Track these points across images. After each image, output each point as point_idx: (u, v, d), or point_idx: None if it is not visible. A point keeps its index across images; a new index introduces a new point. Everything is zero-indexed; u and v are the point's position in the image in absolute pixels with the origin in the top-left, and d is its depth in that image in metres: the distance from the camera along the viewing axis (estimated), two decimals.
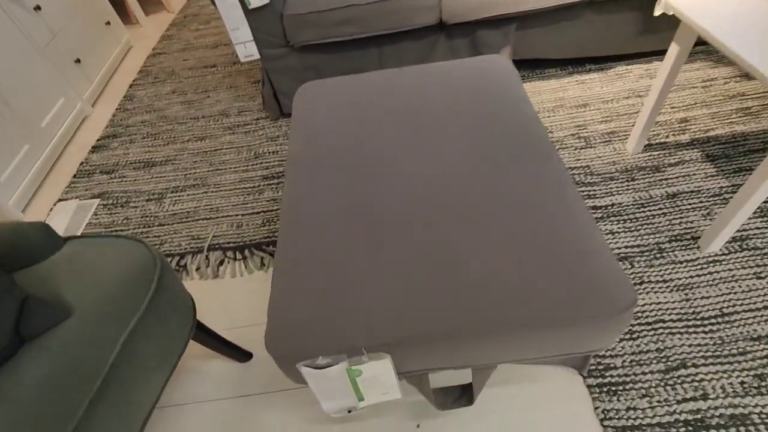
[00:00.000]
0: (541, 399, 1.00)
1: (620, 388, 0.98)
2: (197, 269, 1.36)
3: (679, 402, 0.95)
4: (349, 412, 0.79)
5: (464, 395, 0.87)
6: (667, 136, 1.49)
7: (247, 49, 1.58)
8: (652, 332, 1.05)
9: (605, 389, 0.98)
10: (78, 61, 2.02)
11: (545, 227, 0.76)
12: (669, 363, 1.00)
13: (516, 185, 0.83)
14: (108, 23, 2.29)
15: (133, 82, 2.20)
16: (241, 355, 1.13)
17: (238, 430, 1.03)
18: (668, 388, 0.97)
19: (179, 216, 1.52)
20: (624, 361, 1.02)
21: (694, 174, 1.36)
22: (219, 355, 1.14)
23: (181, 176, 1.66)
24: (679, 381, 0.98)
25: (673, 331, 1.05)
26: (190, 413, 1.06)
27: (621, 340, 1.05)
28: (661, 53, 1.80)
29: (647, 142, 1.47)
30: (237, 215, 1.49)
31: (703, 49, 1.79)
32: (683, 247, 1.20)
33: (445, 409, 0.86)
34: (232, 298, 1.28)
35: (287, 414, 1.04)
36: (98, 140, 1.89)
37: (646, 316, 1.08)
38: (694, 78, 1.68)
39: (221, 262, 1.37)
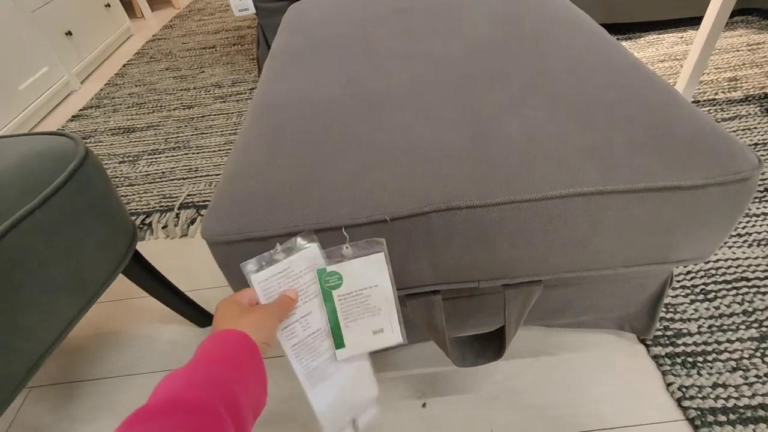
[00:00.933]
0: (588, 373, 0.74)
1: (700, 359, 0.72)
2: (164, 227, 1.15)
3: None
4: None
5: (490, 347, 0.62)
6: (716, 94, 1.29)
7: (242, 2, 1.45)
8: (734, 292, 0.80)
9: (679, 361, 0.72)
10: (69, 33, 1.92)
11: (615, 89, 0.55)
12: (763, 329, 0.75)
13: (563, 47, 0.63)
14: (108, 5, 2.22)
15: (127, 62, 2.10)
16: (201, 316, 0.89)
17: None
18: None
19: (153, 176, 1.33)
20: (701, 326, 0.76)
21: (755, 128, 1.15)
22: (174, 321, 0.91)
23: (162, 140, 1.49)
24: None
25: (762, 290, 0.80)
26: (136, 385, 0.81)
27: (693, 301, 0.80)
28: (695, 21, 1.64)
29: (692, 99, 1.27)
30: (217, 174, 1.29)
31: (742, 18, 1.63)
32: (757, 200, 0.97)
33: (466, 366, 0.61)
34: (198, 259, 1.05)
35: None
36: (80, 110, 1.75)
37: (723, 273, 0.83)
38: (738, 43, 1.50)
39: (193, 221, 1.15)
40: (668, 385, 0.70)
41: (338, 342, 0.47)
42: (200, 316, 0.89)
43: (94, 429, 0.76)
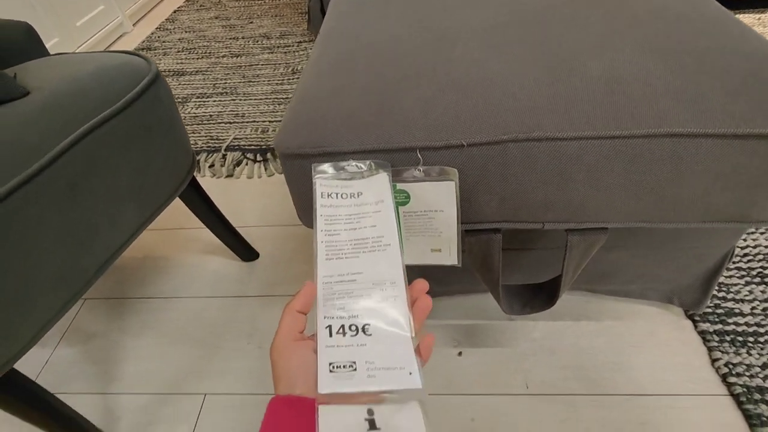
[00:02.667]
0: (629, 341, 0.73)
1: (750, 339, 0.70)
2: (210, 166, 1.17)
3: None
4: None
5: (538, 298, 0.62)
6: None
7: None
8: None
9: (728, 339, 0.70)
10: None
11: (707, 36, 0.52)
12: None
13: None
14: None
15: (177, 9, 2.11)
16: (247, 251, 0.92)
17: (227, 330, 0.80)
18: None
19: (201, 118, 1.35)
20: (754, 308, 0.74)
21: None
22: (219, 253, 0.93)
23: (210, 85, 1.50)
24: None
25: None
26: (179, 307, 0.85)
27: (748, 282, 0.77)
28: None
29: None
30: (264, 121, 1.30)
31: None
32: None
33: (513, 314, 0.61)
34: (244, 199, 1.07)
35: None
36: None
37: None
38: None
39: (238, 163, 1.17)
40: (714, 360, 0.69)
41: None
42: (245, 250, 0.92)
43: (141, 343, 0.80)
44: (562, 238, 0.52)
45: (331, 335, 0.33)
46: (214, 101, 1.42)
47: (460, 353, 0.74)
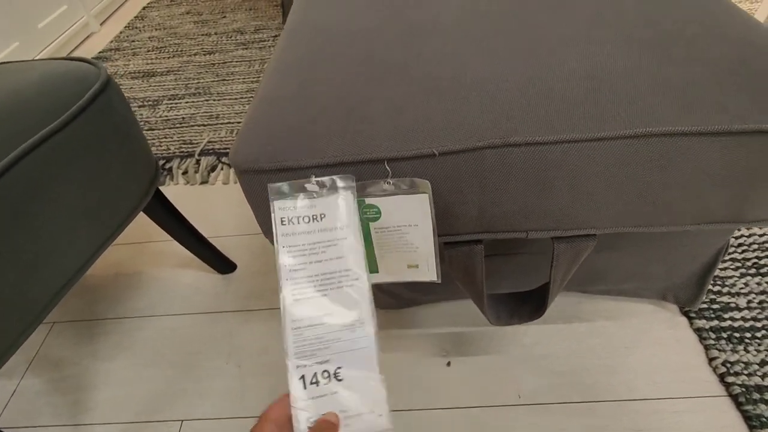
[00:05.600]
0: (624, 342, 0.70)
1: (747, 335, 0.68)
2: (184, 173, 1.12)
3: None
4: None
5: (526, 306, 0.58)
6: None
7: None
8: None
9: (725, 335, 0.68)
10: None
11: (696, 23, 0.48)
12: None
13: None
14: None
15: (147, 5, 2.02)
16: (222, 263, 0.87)
17: (204, 348, 0.76)
18: None
19: (173, 122, 1.29)
20: (750, 301, 0.71)
21: None
22: (193, 266, 0.89)
23: (182, 85, 1.44)
24: None
25: None
26: (153, 326, 0.81)
27: (744, 275, 0.75)
28: None
29: None
30: (239, 122, 1.25)
31: None
32: None
33: (500, 324, 0.58)
34: (220, 207, 1.03)
35: (269, 334, 0.77)
36: (99, 52, 1.70)
37: None
38: None
39: (213, 168, 1.12)
40: (711, 359, 0.66)
41: (372, 267, 0.44)
42: (220, 262, 0.87)
43: (114, 366, 0.76)
44: (549, 243, 0.49)
45: (305, 387, 0.34)
46: (187, 102, 1.36)
47: (448, 363, 0.71)
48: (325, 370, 0.34)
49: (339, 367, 0.35)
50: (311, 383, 0.34)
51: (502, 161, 0.40)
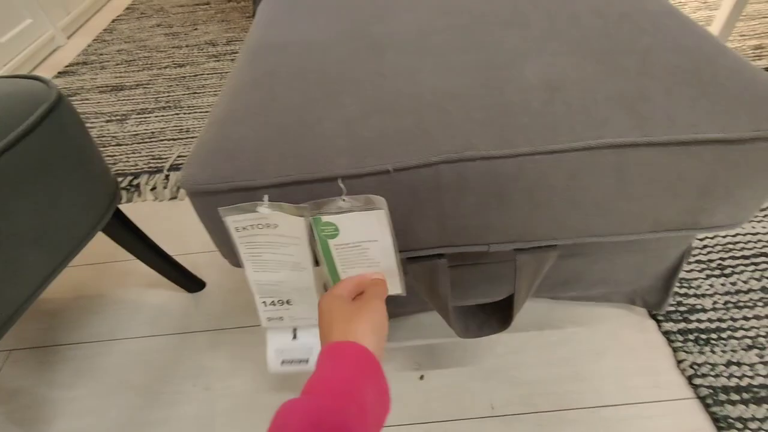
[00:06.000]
0: (594, 347, 0.70)
1: (714, 336, 0.69)
2: (152, 189, 1.09)
3: None
4: None
5: (494, 318, 0.58)
6: None
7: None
8: (752, 267, 0.76)
9: (692, 337, 0.69)
10: None
11: (650, 34, 0.49)
12: None
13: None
14: None
15: (116, 18, 1.98)
16: (190, 282, 0.85)
17: (171, 372, 0.74)
18: None
19: (141, 136, 1.26)
20: (716, 302, 0.73)
21: None
22: (161, 285, 0.86)
23: (152, 99, 1.41)
24: None
25: None
26: (117, 351, 0.77)
27: (709, 276, 0.76)
28: None
29: None
30: None
31: None
32: None
33: (469, 336, 0.57)
34: (189, 223, 1.00)
35: (239, 355, 0.75)
36: (66, 66, 1.65)
37: (741, 248, 0.79)
38: (765, 9, 1.42)
39: None
40: (679, 362, 0.67)
41: (335, 282, 0.45)
42: (188, 281, 0.85)
43: (74, 394, 0.72)
44: (512, 254, 0.49)
45: (266, 306, 0.49)
46: (156, 117, 1.33)
47: (421, 377, 0.70)
48: (280, 300, 0.48)
49: (289, 299, 0.48)
50: (270, 305, 0.48)
51: (457, 176, 0.40)
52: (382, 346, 0.37)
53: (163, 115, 1.33)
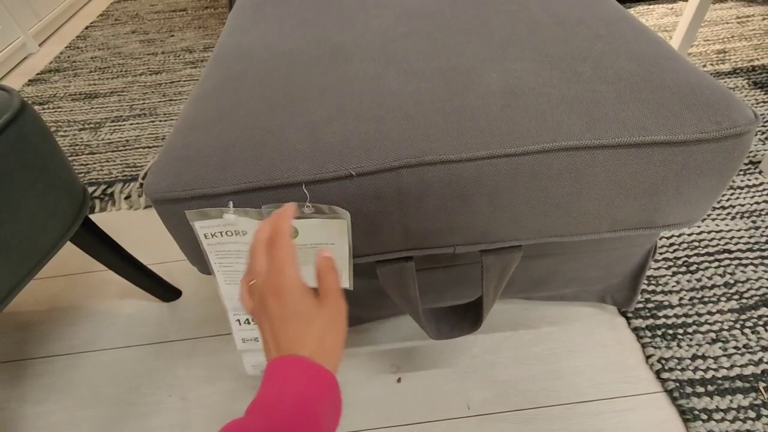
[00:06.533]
0: (567, 346, 0.72)
1: (680, 331, 0.71)
2: (127, 198, 1.08)
3: (765, 349, 0.67)
4: None
5: (466, 319, 0.59)
6: (704, 66, 1.26)
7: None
8: (715, 264, 0.79)
9: (659, 333, 0.71)
10: None
11: (604, 41, 0.50)
12: (744, 300, 0.73)
13: (545, 6, 0.58)
14: None
15: (90, 24, 1.95)
16: (166, 291, 0.84)
17: (146, 382, 0.73)
18: (747, 330, 0.70)
19: (116, 144, 1.24)
20: (681, 298, 0.75)
21: (743, 100, 1.13)
22: (135, 295, 0.85)
23: (126, 107, 1.39)
24: (760, 322, 0.70)
25: (744, 262, 0.78)
26: (89, 363, 0.76)
27: (675, 273, 0.79)
28: None
29: None
30: None
31: None
32: (742, 173, 0.95)
33: (441, 338, 0.58)
34: (164, 232, 0.98)
35: (215, 364, 0.74)
36: (38, 74, 1.62)
37: (705, 246, 0.82)
38: (727, 15, 1.47)
39: None
40: (648, 357, 0.69)
41: None
42: (163, 290, 0.84)
43: (45, 409, 0.71)
44: (479, 256, 0.50)
45: (240, 325, 0.47)
46: (131, 125, 1.31)
47: (399, 379, 0.70)
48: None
49: None
50: (244, 323, 0.47)
51: (419, 180, 0.40)
52: (338, 352, 0.33)
53: (138, 123, 1.32)
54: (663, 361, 0.67)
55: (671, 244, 0.83)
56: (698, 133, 0.39)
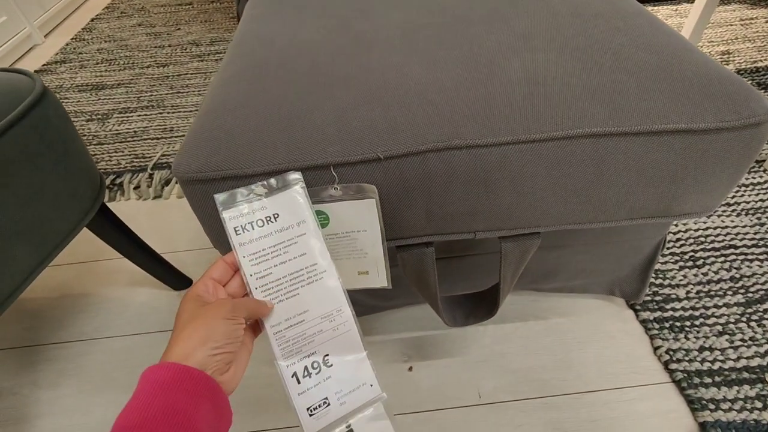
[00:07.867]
0: (576, 337, 0.73)
1: (687, 324, 0.72)
2: (136, 188, 1.08)
3: None
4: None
5: (481, 307, 0.60)
6: None
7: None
8: (722, 259, 0.80)
9: (667, 325, 0.72)
10: None
11: (623, 33, 0.51)
12: (750, 295, 0.75)
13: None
14: None
15: (95, 17, 1.95)
16: (177, 279, 0.84)
17: None
18: (753, 323, 0.71)
19: (124, 135, 1.24)
20: (689, 291, 0.76)
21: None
22: (147, 283, 0.85)
23: (134, 98, 1.39)
24: (766, 316, 0.72)
25: (750, 257, 0.80)
26: (102, 349, 0.76)
27: (682, 267, 0.80)
28: None
29: None
30: None
31: None
32: (747, 171, 0.97)
33: (456, 326, 0.59)
34: (174, 221, 0.99)
35: None
36: (44, 65, 1.62)
37: (712, 241, 0.83)
38: (731, 18, 1.49)
39: (167, 182, 1.09)
40: (656, 348, 0.70)
41: None
42: (174, 279, 0.84)
43: (57, 394, 0.71)
44: (497, 244, 0.51)
45: (299, 381, 0.37)
46: (139, 116, 1.32)
47: (410, 368, 0.71)
48: (314, 362, 0.37)
49: (326, 355, 0.38)
50: (304, 376, 0.37)
51: (445, 164, 0.41)
52: (217, 354, 0.32)
53: (146, 114, 1.32)
54: (671, 353, 0.68)
55: (678, 239, 0.84)
56: (718, 122, 0.40)
